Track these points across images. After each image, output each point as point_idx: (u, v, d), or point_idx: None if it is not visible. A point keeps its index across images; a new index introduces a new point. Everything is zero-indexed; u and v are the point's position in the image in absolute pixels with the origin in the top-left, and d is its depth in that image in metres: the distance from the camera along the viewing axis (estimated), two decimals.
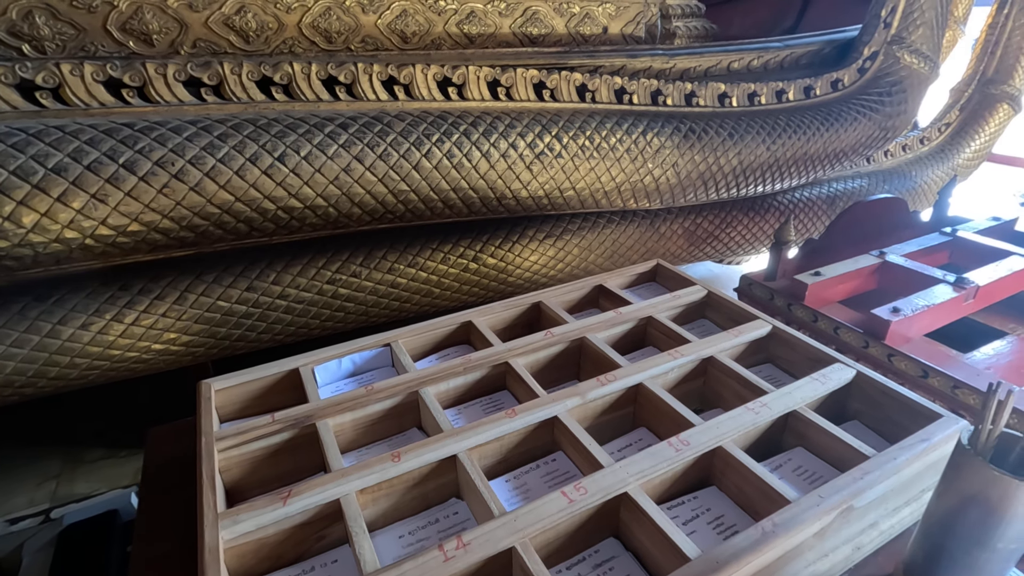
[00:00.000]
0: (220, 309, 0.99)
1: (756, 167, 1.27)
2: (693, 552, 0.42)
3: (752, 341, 0.70)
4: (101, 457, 1.54)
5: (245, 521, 0.45)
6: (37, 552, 0.91)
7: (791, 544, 0.45)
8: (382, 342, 0.70)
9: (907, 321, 0.94)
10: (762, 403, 0.57)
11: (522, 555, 0.42)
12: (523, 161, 1.01)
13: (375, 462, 0.50)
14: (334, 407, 0.58)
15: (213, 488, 0.48)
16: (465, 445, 0.53)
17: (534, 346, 0.68)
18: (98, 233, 0.76)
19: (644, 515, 0.46)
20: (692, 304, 0.80)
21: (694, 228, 1.45)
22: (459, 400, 0.66)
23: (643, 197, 1.19)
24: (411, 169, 0.91)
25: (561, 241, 1.26)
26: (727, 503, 0.53)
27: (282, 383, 0.65)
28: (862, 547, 0.51)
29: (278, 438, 0.56)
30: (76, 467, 1.50)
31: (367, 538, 0.44)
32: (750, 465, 0.50)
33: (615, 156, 1.10)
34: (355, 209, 0.91)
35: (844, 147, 1.38)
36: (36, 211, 0.71)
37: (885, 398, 0.60)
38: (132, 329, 0.93)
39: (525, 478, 0.55)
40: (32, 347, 0.87)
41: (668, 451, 0.52)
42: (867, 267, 1.13)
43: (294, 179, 0.83)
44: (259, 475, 0.56)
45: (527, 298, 0.79)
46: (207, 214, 0.80)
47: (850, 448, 0.53)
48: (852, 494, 0.47)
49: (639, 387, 0.62)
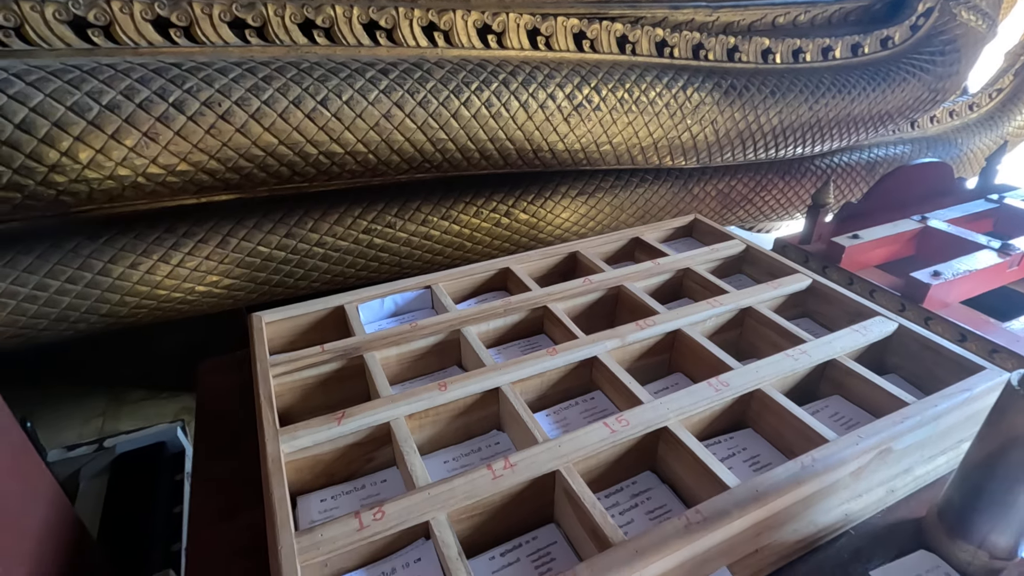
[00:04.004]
0: (260, 254, 1.01)
1: (797, 127, 1.24)
2: (733, 481, 0.44)
3: (790, 295, 0.70)
4: (143, 398, 1.61)
5: (303, 437, 0.48)
6: (93, 478, 0.97)
7: (828, 481, 0.46)
8: (423, 284, 0.71)
9: (947, 285, 0.93)
10: (802, 350, 0.58)
11: (566, 478, 0.44)
12: (561, 113, 1.00)
13: (422, 390, 0.52)
14: (380, 340, 0.60)
15: (272, 407, 0.50)
16: (508, 379, 0.55)
17: (572, 292, 0.69)
18: (149, 172, 0.78)
19: (683, 448, 0.48)
20: (730, 258, 0.79)
21: (728, 190, 1.43)
22: (498, 342, 0.67)
23: (679, 155, 1.17)
24: (450, 117, 0.91)
25: (593, 199, 1.25)
26: (763, 444, 0.54)
27: (327, 320, 0.68)
28: (895, 491, 0.52)
29: (327, 368, 0.58)
30: (120, 407, 1.57)
31: (417, 456, 0.47)
32: (789, 407, 0.51)
33: (654, 111, 1.08)
34: (394, 157, 0.91)
35: (890, 109, 1.33)
36: (91, 147, 0.73)
37: (926, 352, 0.60)
38: (177, 270, 0.97)
39: (564, 413, 0.57)
40: (85, 284, 0.91)
41: (707, 391, 0.53)
42: (907, 232, 1.11)
43: (336, 124, 0.84)
44: (309, 403, 0.59)
45: (564, 247, 0.79)
46: (252, 156, 0.82)
47: (890, 396, 0.53)
48: (891, 437, 0.48)
49: (677, 333, 0.63)
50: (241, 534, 0.50)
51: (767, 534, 0.45)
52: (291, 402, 0.58)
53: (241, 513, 0.52)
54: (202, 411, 0.67)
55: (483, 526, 0.45)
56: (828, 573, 0.47)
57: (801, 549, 0.47)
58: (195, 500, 0.54)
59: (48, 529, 0.45)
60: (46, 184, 0.73)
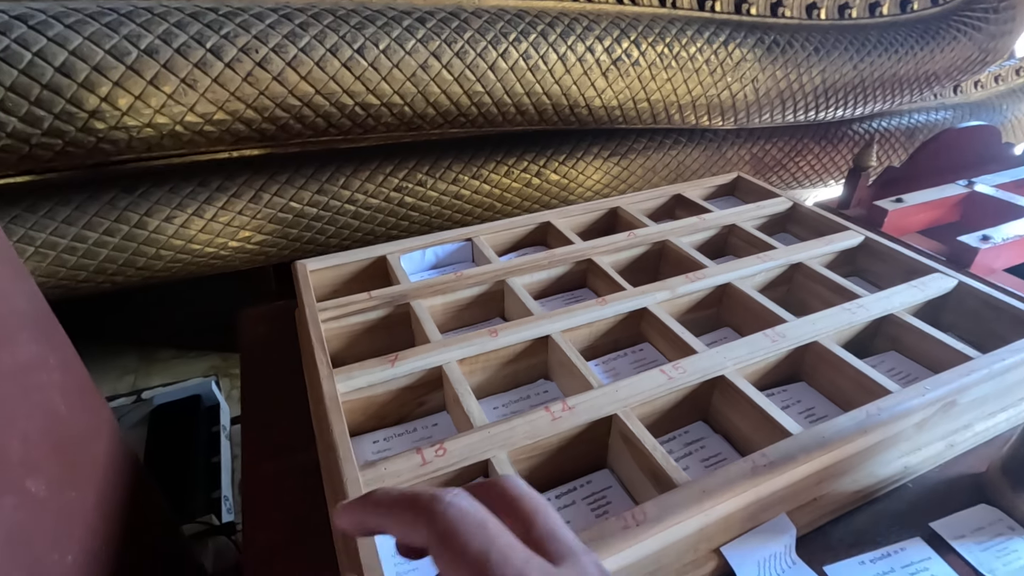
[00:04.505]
0: (292, 210, 1.01)
1: (840, 87, 1.20)
2: (795, 429, 0.43)
3: (841, 251, 0.68)
4: (173, 357, 1.64)
5: (357, 378, 0.48)
6: (132, 428, 0.99)
7: (892, 431, 0.45)
8: (464, 236, 0.70)
9: (996, 250, 0.90)
10: (858, 304, 0.56)
11: (624, 421, 0.44)
12: (599, 67, 0.97)
13: (474, 336, 0.52)
14: (427, 288, 0.59)
15: (324, 349, 0.50)
16: (558, 327, 0.54)
17: (616, 245, 0.68)
18: (187, 120, 0.77)
19: (741, 396, 0.47)
20: (776, 216, 0.77)
21: (762, 155, 1.39)
22: (540, 295, 0.66)
23: (717, 115, 1.14)
24: (487, 69, 0.89)
25: (625, 160, 1.23)
26: (818, 397, 0.53)
27: (369, 269, 0.67)
28: (955, 445, 0.51)
29: (375, 314, 0.58)
30: (151, 364, 1.60)
31: (473, 397, 0.46)
32: (848, 359, 0.50)
33: (693, 67, 1.04)
34: (430, 110, 0.89)
35: (938, 69, 1.28)
36: (131, 93, 0.72)
37: (987, 309, 0.58)
38: (211, 225, 0.97)
39: (614, 363, 0.56)
40: (122, 236, 0.92)
41: (764, 341, 0.52)
42: (953, 196, 1.07)
43: (372, 73, 0.82)
44: (356, 349, 0.59)
45: (605, 202, 0.78)
46: (288, 106, 0.81)
47: (951, 351, 0.52)
48: (957, 390, 0.47)
49: (727, 286, 0.61)
50: (294, 473, 0.51)
51: (827, 483, 0.45)
52: (337, 348, 0.58)
53: (293, 454, 0.53)
54: (246, 356, 0.67)
55: (540, 468, 0.45)
56: (885, 524, 0.46)
57: (858, 500, 0.47)
58: (246, 438, 0.54)
59: (110, 461, 0.45)
60: (86, 131, 0.73)
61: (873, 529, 0.46)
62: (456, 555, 0.17)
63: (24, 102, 0.68)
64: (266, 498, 0.49)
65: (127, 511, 0.46)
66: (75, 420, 0.41)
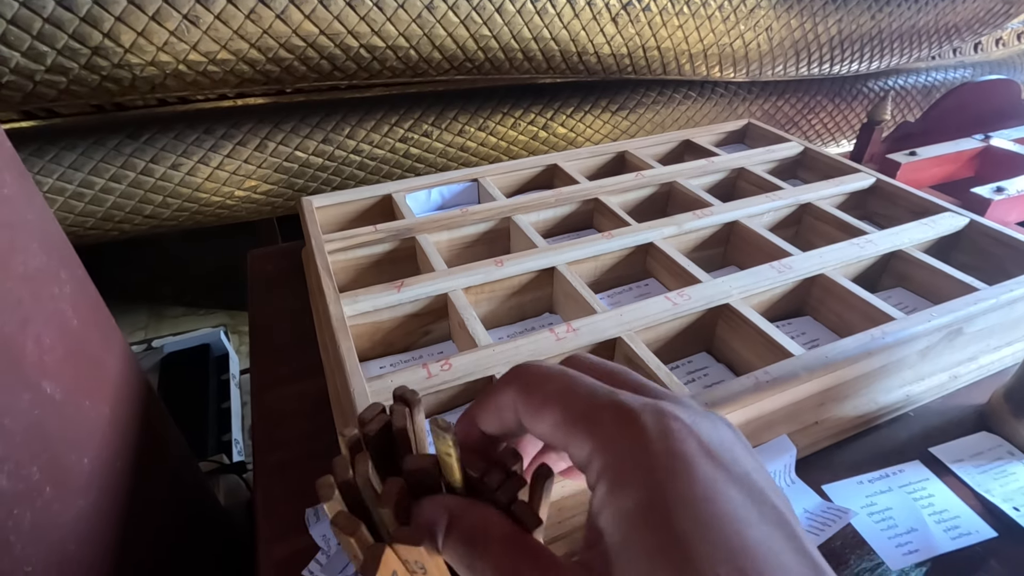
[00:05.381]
0: (297, 159, 1.00)
1: (857, 38, 1.16)
2: (799, 352, 0.43)
3: (852, 193, 0.68)
4: (182, 314, 1.66)
5: (363, 301, 0.48)
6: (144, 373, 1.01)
7: (896, 356, 0.45)
8: (470, 176, 0.70)
9: (1009, 203, 0.89)
10: (867, 239, 0.56)
11: (628, 344, 0.44)
12: (608, 12, 0.95)
13: (479, 265, 0.52)
14: (432, 223, 0.59)
15: (330, 275, 0.51)
16: (563, 258, 0.54)
17: (624, 185, 0.67)
18: (190, 59, 0.76)
19: (746, 323, 0.47)
20: (787, 160, 0.76)
21: (774, 111, 1.36)
22: (547, 234, 0.66)
23: (729, 65, 1.11)
24: (493, 12, 0.87)
25: (634, 114, 1.21)
26: (822, 329, 0.53)
27: (375, 208, 0.67)
28: (959, 377, 0.51)
29: (380, 248, 0.58)
30: (161, 320, 1.62)
31: (479, 322, 0.47)
32: (855, 290, 0.50)
33: (705, 13, 1.02)
34: (436, 54, 0.88)
35: (958, 22, 1.24)
36: (133, 29, 0.71)
37: (998, 246, 0.57)
38: (217, 173, 0.96)
39: (619, 296, 0.56)
40: (128, 183, 0.92)
41: (770, 272, 0.52)
42: (968, 151, 1.05)
43: (377, 14, 0.81)
44: (361, 283, 0.59)
45: (613, 146, 0.77)
46: (292, 47, 0.79)
47: (960, 284, 0.51)
48: (964, 318, 0.47)
49: (734, 224, 0.61)
50: (302, 399, 0.52)
51: (829, 406, 0.45)
52: (344, 282, 0.58)
53: (301, 382, 0.54)
54: (253, 291, 0.68)
55: None
56: (885, 449, 0.46)
57: (859, 425, 0.47)
58: (255, 366, 0.55)
59: (124, 379, 0.46)
60: (89, 68, 0.72)
61: (873, 454, 0.46)
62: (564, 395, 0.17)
63: (26, 36, 0.67)
64: (275, 421, 0.50)
65: (140, 428, 0.47)
66: (87, 334, 0.42)
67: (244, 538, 0.70)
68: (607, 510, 0.15)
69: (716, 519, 0.14)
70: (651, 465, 0.15)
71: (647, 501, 0.14)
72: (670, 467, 0.15)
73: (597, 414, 0.16)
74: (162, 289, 1.74)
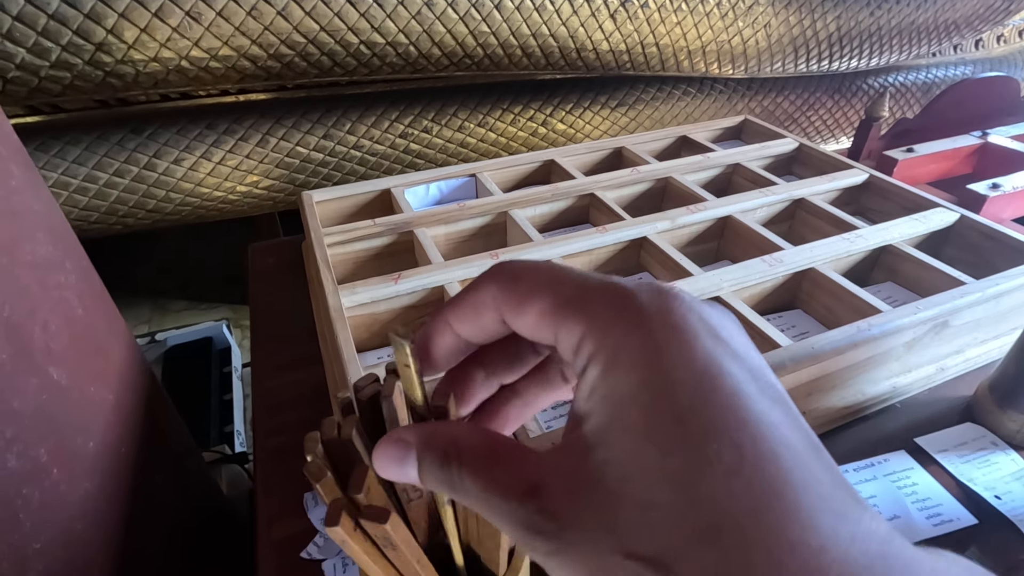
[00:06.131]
0: (299, 155, 1.01)
1: (856, 35, 1.17)
2: (786, 342, 0.44)
3: (845, 189, 0.68)
4: (184, 308, 1.67)
5: (361, 293, 0.49)
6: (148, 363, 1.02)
7: (882, 347, 0.46)
8: (468, 172, 0.71)
9: (1005, 199, 0.89)
10: (858, 234, 0.57)
11: None
12: (607, 8, 0.95)
13: (475, 258, 0.53)
14: (430, 217, 0.60)
15: (329, 267, 0.52)
16: (558, 252, 0.55)
17: (619, 181, 0.68)
18: (192, 55, 0.77)
19: (736, 315, 0.48)
20: (782, 156, 0.77)
21: (773, 108, 1.37)
22: (544, 229, 0.67)
23: (728, 62, 1.12)
24: (493, 8, 0.88)
25: (633, 111, 1.21)
26: (812, 323, 0.54)
27: (374, 203, 0.68)
28: (945, 370, 0.52)
29: (379, 241, 0.59)
30: (164, 315, 1.64)
31: None
32: (845, 284, 0.51)
33: (704, 10, 1.02)
34: (435, 50, 0.89)
35: (958, 18, 1.24)
36: (136, 25, 0.72)
37: (988, 242, 0.58)
38: (219, 168, 0.97)
39: None
40: (132, 177, 0.93)
41: (761, 265, 0.52)
42: (966, 147, 1.06)
43: (377, 10, 0.81)
44: (361, 276, 0.60)
45: (610, 142, 0.78)
46: (293, 43, 0.80)
47: (948, 278, 0.52)
48: (950, 311, 0.47)
49: (728, 219, 0.62)
50: (300, 387, 0.53)
51: (816, 396, 0.46)
52: (343, 274, 0.59)
53: (299, 370, 0.55)
54: (255, 283, 0.69)
55: None
56: (872, 440, 0.47)
57: (846, 416, 0.48)
58: (256, 354, 0.57)
59: (128, 368, 0.47)
60: (94, 64, 0.73)
61: (859, 444, 0.47)
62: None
63: (31, 32, 0.68)
64: (275, 408, 0.51)
65: (143, 415, 0.49)
66: (92, 323, 0.43)
67: (246, 526, 0.71)
68: (597, 392, 0.14)
69: (715, 393, 0.13)
70: (648, 343, 0.14)
71: (643, 379, 0.14)
72: (668, 343, 0.14)
73: (589, 295, 0.15)
74: (165, 283, 1.76)
